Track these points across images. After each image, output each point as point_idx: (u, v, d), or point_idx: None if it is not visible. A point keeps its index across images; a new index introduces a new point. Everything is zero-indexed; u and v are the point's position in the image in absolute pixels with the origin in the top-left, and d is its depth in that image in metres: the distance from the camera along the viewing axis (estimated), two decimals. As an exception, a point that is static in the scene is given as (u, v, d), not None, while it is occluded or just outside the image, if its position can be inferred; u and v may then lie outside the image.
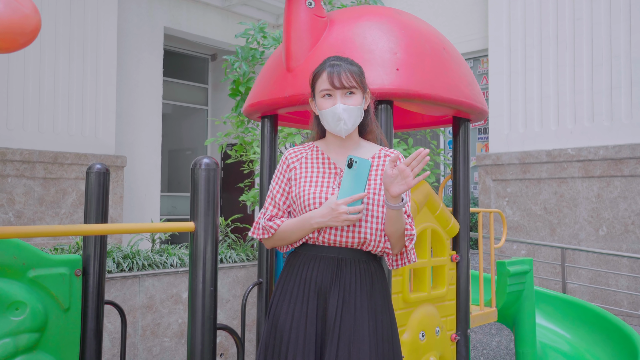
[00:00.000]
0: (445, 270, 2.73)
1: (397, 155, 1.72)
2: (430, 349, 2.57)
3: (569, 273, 6.27)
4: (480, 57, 8.08)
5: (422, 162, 1.69)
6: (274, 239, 1.92)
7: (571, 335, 3.89)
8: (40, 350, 1.91)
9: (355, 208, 1.74)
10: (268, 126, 2.80)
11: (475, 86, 2.64)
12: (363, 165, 1.75)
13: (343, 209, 1.73)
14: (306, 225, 1.81)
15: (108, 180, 2.12)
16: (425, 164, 1.70)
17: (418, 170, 1.70)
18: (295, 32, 2.40)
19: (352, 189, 1.75)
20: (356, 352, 1.77)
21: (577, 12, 6.44)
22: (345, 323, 1.79)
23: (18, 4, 1.08)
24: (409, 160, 1.69)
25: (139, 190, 7.69)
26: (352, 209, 1.74)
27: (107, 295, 3.68)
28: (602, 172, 6.16)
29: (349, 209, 1.73)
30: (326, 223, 1.76)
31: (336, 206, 1.74)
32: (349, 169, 1.76)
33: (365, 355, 1.77)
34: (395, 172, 1.70)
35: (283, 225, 1.88)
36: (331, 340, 1.77)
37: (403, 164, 1.70)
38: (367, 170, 1.75)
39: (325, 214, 1.76)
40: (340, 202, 1.74)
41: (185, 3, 8.39)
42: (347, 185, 1.75)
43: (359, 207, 1.74)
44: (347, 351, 1.77)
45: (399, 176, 1.70)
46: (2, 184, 6.03)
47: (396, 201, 1.74)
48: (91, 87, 6.84)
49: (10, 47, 1.10)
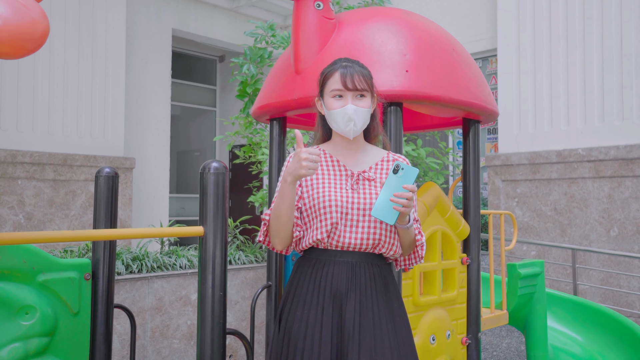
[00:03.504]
0: (455, 273, 2.71)
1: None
2: (441, 353, 2.55)
3: (580, 274, 6.22)
4: (489, 57, 8.04)
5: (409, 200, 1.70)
6: (272, 227, 1.84)
7: (583, 337, 3.85)
8: (50, 354, 1.91)
9: (311, 150, 1.71)
10: (277, 129, 2.79)
11: (485, 87, 2.62)
12: (409, 173, 1.72)
13: (304, 154, 1.69)
14: (284, 186, 1.77)
15: (117, 184, 2.12)
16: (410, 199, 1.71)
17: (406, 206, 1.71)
18: (303, 34, 2.39)
19: (392, 195, 1.71)
20: (379, 356, 1.75)
21: (588, 11, 6.39)
22: (365, 328, 1.77)
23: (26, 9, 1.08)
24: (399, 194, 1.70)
25: (148, 192, 7.71)
26: (310, 150, 1.70)
27: (117, 297, 3.69)
28: (613, 172, 6.10)
29: (307, 150, 1.70)
30: (294, 173, 1.71)
31: (297, 154, 1.71)
32: (393, 175, 1.73)
33: (388, 359, 1.75)
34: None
35: (272, 208, 1.85)
36: (352, 347, 1.74)
37: (403, 204, 1.69)
38: (414, 179, 1.71)
39: (291, 165, 1.73)
40: (303, 149, 1.70)
41: (193, 5, 8.41)
42: (389, 190, 1.72)
43: (315, 151, 1.71)
44: (370, 356, 1.74)
45: (403, 209, 1.71)
46: (12, 185, 6.06)
47: (401, 223, 1.78)
48: (100, 89, 6.86)
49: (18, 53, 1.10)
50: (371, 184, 1.86)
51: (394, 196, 1.69)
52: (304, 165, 1.69)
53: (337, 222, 1.81)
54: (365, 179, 1.87)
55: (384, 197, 1.72)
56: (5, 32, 1.05)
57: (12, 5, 1.07)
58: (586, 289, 6.17)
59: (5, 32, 1.06)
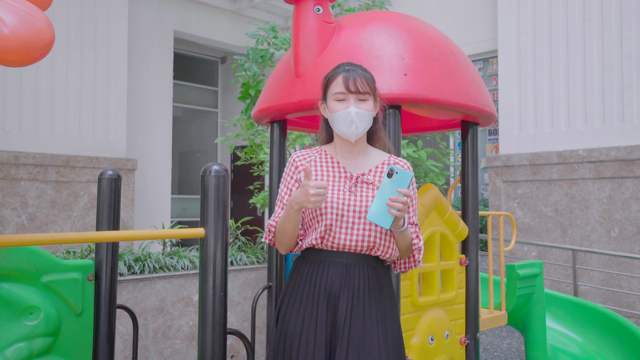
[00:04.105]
0: (454, 274, 2.74)
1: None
2: (440, 353, 2.57)
3: (581, 275, 6.24)
4: (490, 59, 8.05)
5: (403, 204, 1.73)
6: (278, 237, 1.91)
7: (582, 338, 3.87)
8: (54, 354, 1.94)
9: (319, 184, 1.73)
10: (277, 131, 2.82)
11: (483, 90, 2.64)
12: (403, 177, 1.74)
13: (313, 190, 1.71)
14: (290, 211, 1.80)
15: (120, 187, 2.15)
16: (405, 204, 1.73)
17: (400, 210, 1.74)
18: (303, 38, 2.42)
19: (387, 199, 1.73)
20: (365, 358, 1.78)
21: (588, 13, 6.41)
22: (354, 328, 1.80)
23: (32, 18, 1.11)
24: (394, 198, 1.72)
25: (150, 193, 7.74)
26: (318, 185, 1.72)
27: (119, 297, 3.72)
28: (614, 173, 6.12)
29: (315, 184, 1.72)
30: (301, 204, 1.74)
31: (305, 187, 1.73)
32: (387, 179, 1.75)
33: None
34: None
35: (279, 224, 1.89)
36: (340, 346, 1.78)
37: (398, 209, 1.72)
38: (408, 183, 1.74)
39: (299, 196, 1.75)
40: (311, 183, 1.72)
41: (195, 6, 8.44)
42: (384, 194, 1.74)
43: (323, 184, 1.73)
44: (357, 356, 1.78)
45: (399, 213, 1.73)
46: (15, 187, 6.10)
47: (396, 227, 1.80)
48: (102, 90, 6.90)
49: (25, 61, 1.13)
50: (369, 187, 1.89)
51: (389, 200, 1.72)
52: (312, 200, 1.72)
53: (332, 224, 1.84)
54: (364, 182, 1.89)
55: (379, 201, 1.75)
56: (12, 40, 1.08)
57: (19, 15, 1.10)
58: (587, 289, 6.19)
59: (12, 40, 1.09)
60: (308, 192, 1.72)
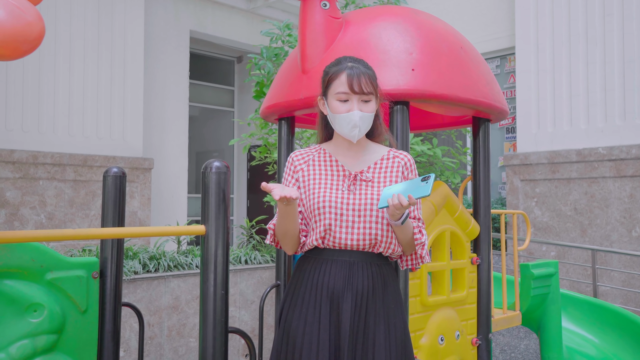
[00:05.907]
0: (465, 273, 2.69)
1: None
2: (450, 353, 2.53)
3: (601, 275, 6.11)
4: (508, 55, 7.94)
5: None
6: (279, 237, 1.88)
7: (599, 339, 3.78)
8: (58, 351, 1.94)
9: (284, 192, 1.68)
10: (285, 128, 2.80)
11: (494, 85, 2.59)
12: (422, 188, 1.68)
13: (277, 197, 1.67)
14: (280, 206, 1.77)
15: (125, 184, 2.15)
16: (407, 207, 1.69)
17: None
18: (310, 33, 2.39)
19: (401, 192, 1.71)
20: (371, 357, 1.75)
21: (608, 8, 6.27)
22: (358, 327, 1.78)
23: (21, 11, 1.10)
24: (397, 204, 1.68)
25: (167, 192, 7.79)
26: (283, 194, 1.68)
27: (134, 296, 3.74)
28: (635, 172, 5.98)
29: (280, 193, 1.67)
30: (277, 198, 1.70)
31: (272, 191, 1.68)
32: (418, 178, 1.71)
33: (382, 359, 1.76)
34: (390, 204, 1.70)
35: (276, 225, 1.87)
36: (346, 346, 1.75)
37: (393, 205, 1.68)
38: (420, 194, 1.68)
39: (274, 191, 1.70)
40: (275, 191, 1.67)
41: (211, 6, 8.47)
42: (404, 187, 1.72)
43: (293, 191, 1.69)
44: (362, 355, 1.75)
45: (392, 207, 1.70)
46: (34, 186, 6.18)
47: (394, 220, 1.76)
48: (119, 90, 6.96)
49: (13, 55, 1.12)
50: (368, 184, 1.85)
51: (400, 194, 1.68)
52: (282, 200, 1.70)
53: (331, 223, 1.81)
54: (363, 180, 1.85)
55: (396, 189, 1.73)
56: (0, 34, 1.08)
57: (7, 8, 1.09)
58: (607, 290, 6.06)
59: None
60: (276, 198, 1.68)
